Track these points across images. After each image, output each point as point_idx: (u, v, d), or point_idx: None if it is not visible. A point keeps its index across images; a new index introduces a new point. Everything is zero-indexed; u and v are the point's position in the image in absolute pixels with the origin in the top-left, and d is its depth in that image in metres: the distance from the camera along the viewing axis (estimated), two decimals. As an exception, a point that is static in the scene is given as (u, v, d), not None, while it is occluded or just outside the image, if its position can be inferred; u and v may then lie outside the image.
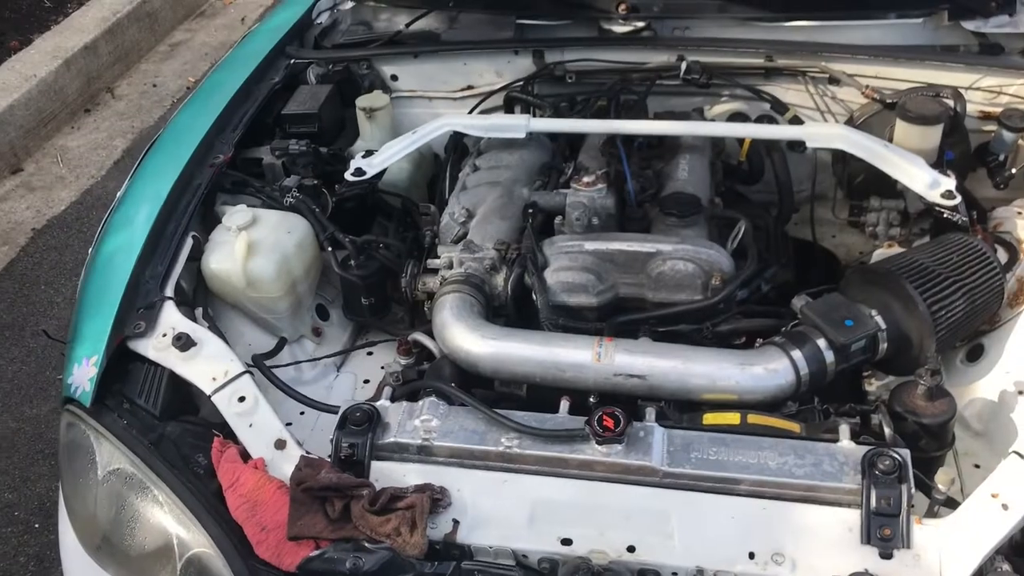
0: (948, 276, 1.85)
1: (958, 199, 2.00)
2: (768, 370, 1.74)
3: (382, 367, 2.17)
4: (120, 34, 5.72)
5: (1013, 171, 2.37)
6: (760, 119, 2.52)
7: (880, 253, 2.22)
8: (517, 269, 1.93)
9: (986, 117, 2.41)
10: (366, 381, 2.17)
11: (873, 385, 1.99)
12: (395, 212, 2.39)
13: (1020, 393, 1.87)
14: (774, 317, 1.96)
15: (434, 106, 2.69)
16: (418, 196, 2.46)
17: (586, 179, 2.02)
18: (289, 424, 1.79)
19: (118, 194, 2.22)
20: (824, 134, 2.12)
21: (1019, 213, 2.20)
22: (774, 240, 2.30)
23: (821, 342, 1.77)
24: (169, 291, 1.91)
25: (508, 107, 2.53)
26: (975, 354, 2.03)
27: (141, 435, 1.70)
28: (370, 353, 2.24)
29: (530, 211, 2.03)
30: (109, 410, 1.75)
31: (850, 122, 2.43)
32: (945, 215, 2.05)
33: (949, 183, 2.02)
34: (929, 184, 2.02)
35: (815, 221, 2.54)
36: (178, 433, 1.73)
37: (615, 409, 1.62)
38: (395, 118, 2.60)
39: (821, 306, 1.84)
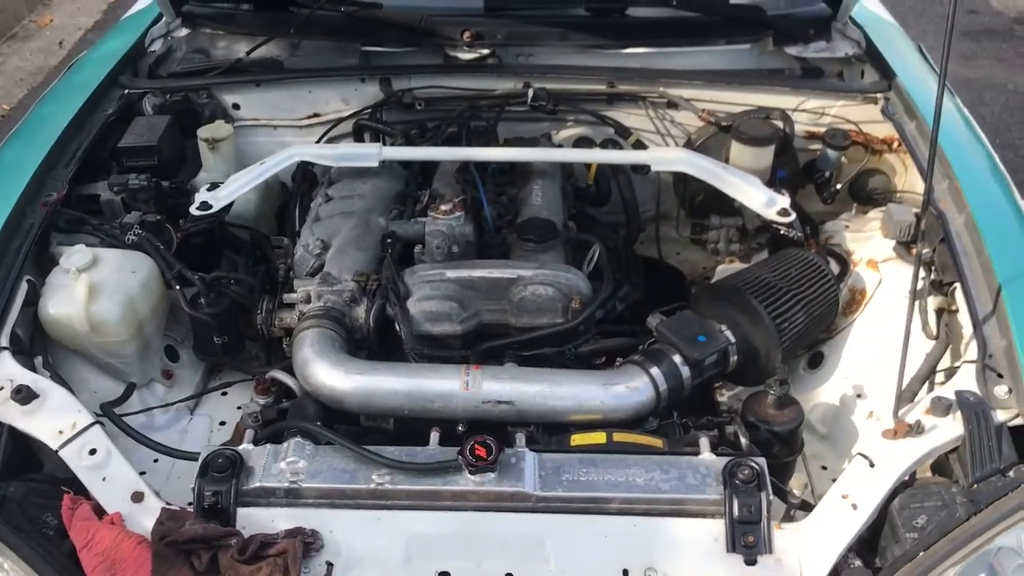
0: (789, 290, 1.96)
1: (793, 216, 2.13)
2: (630, 388, 1.79)
3: (239, 407, 2.10)
4: (-78, 59, 5.31)
5: (838, 186, 2.54)
6: (605, 143, 2.60)
7: (722, 269, 2.33)
8: (378, 300, 1.92)
9: (811, 137, 2.58)
10: (222, 423, 2.09)
11: (724, 396, 2.08)
12: (244, 245, 2.32)
13: (859, 396, 2.02)
14: (630, 336, 2.02)
15: (279, 135, 2.63)
16: (267, 228, 2.40)
17: (444, 207, 2.03)
18: (143, 473, 1.69)
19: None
20: (667, 158, 2.21)
21: (847, 226, 2.36)
22: (624, 260, 2.37)
23: (677, 358, 1.84)
24: (4, 341, 1.78)
25: (357, 135, 2.50)
26: (816, 361, 2.16)
27: (-19, 497, 1.57)
28: (224, 393, 2.16)
29: (388, 240, 2.01)
30: (-52, 472, 1.61)
31: (689, 144, 2.54)
32: (782, 231, 2.17)
33: (784, 201, 2.15)
34: (765, 203, 2.14)
35: (661, 239, 2.64)
36: (22, 493, 1.61)
37: (486, 437, 1.62)
38: (238, 148, 2.53)
39: (675, 324, 1.91)
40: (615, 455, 1.68)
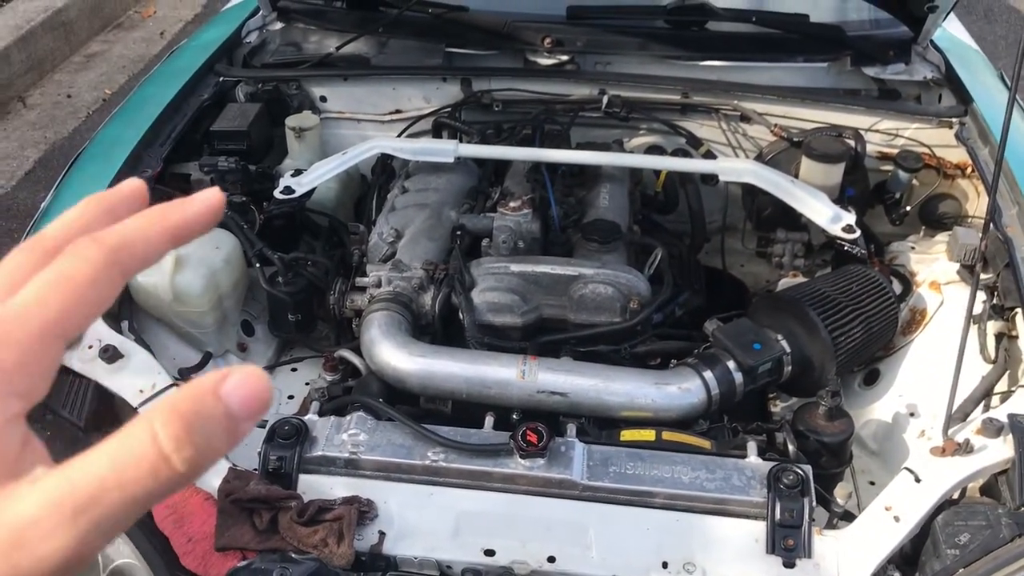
0: (848, 304, 1.98)
1: (857, 233, 2.14)
2: (682, 389, 1.84)
3: (307, 383, 2.20)
4: (33, 43, 5.59)
5: (907, 208, 2.54)
6: (675, 152, 2.64)
7: (785, 282, 2.35)
8: (445, 289, 2.00)
9: (884, 158, 2.58)
10: (290, 397, 2.19)
11: (777, 407, 2.11)
12: (322, 231, 2.43)
13: (911, 415, 2.02)
14: (687, 340, 2.06)
15: (362, 128, 2.74)
16: (345, 216, 2.51)
17: (512, 204, 2.10)
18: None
19: (42, 205, 2.21)
20: (735, 168, 2.25)
21: (912, 248, 2.37)
22: (687, 267, 2.41)
23: (731, 364, 1.88)
24: (96, 303, 1.91)
25: (436, 132, 2.60)
26: (871, 379, 2.17)
27: (65, 446, 1.69)
28: (294, 369, 2.27)
29: (458, 233, 2.10)
30: (32, 421, 1.72)
31: (759, 158, 2.57)
32: (845, 247, 2.19)
33: (850, 218, 2.17)
34: (831, 218, 2.16)
35: (725, 251, 2.68)
36: (104, 444, 1.73)
37: (538, 424, 1.69)
38: (323, 138, 2.64)
39: (731, 330, 1.95)
40: (663, 452, 1.72)
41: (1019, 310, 1.90)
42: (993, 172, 1.79)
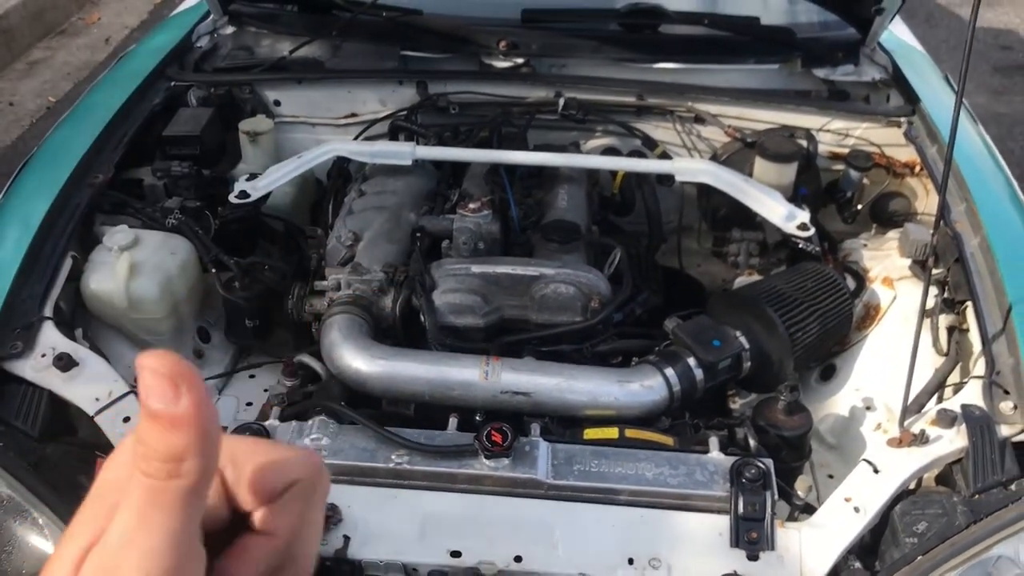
0: (804, 301, 2.01)
1: (812, 231, 2.18)
2: (644, 387, 1.85)
3: (265, 389, 2.17)
4: (-27, 50, 5.48)
5: (859, 207, 2.59)
6: (631, 154, 2.67)
7: (741, 280, 2.38)
8: (405, 291, 1.99)
9: (835, 157, 2.63)
10: (248, 404, 2.16)
11: (736, 403, 2.13)
12: (278, 236, 2.41)
13: (868, 409, 2.06)
14: (647, 338, 2.08)
15: (317, 132, 2.72)
16: (301, 220, 2.49)
17: (472, 205, 2.10)
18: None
19: (-12, 212, 2.15)
20: (692, 169, 2.27)
21: (865, 245, 2.41)
22: (645, 268, 2.43)
23: (691, 360, 1.90)
24: (48, 311, 1.87)
25: (393, 135, 2.59)
26: (828, 374, 2.20)
27: (19, 457, 1.65)
28: (252, 376, 2.24)
29: (418, 235, 2.09)
30: (-19, 436, 1.69)
31: (714, 159, 2.60)
32: (800, 245, 2.23)
33: (804, 216, 2.20)
34: (786, 216, 2.19)
35: (682, 250, 2.70)
36: (60, 455, 1.70)
37: (503, 424, 1.68)
38: (277, 143, 2.62)
39: (691, 327, 1.97)
40: (626, 450, 1.73)
41: (969, 304, 1.94)
42: (943, 170, 1.83)
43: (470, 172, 2.41)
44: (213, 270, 2.12)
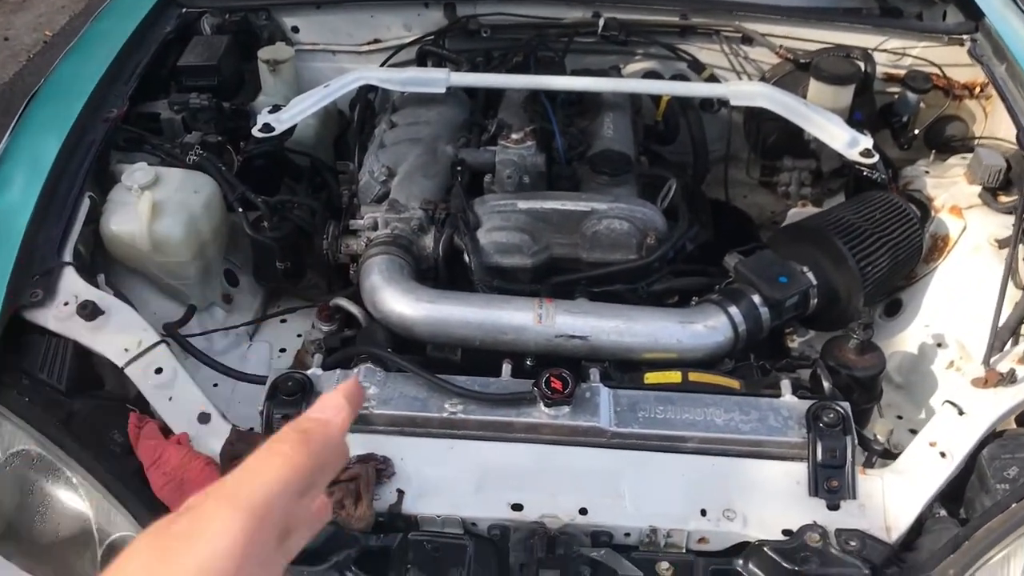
0: (873, 232, 1.89)
1: (876, 157, 2.04)
2: (708, 327, 1.73)
3: (299, 335, 2.06)
4: (-36, -16, 5.25)
5: (916, 132, 2.45)
6: (675, 78, 2.51)
7: (794, 212, 2.25)
8: (447, 229, 1.86)
9: (890, 79, 2.47)
10: (282, 350, 2.05)
11: (795, 342, 2.00)
12: (304, 172, 2.27)
13: (939, 346, 1.94)
14: (703, 275, 1.95)
15: (338, 60, 2.56)
16: (324, 155, 2.34)
17: (515, 136, 1.96)
18: (206, 395, 1.66)
19: (-5, 151, 2.01)
20: (747, 92, 2.12)
21: (926, 172, 2.27)
22: (693, 199, 2.30)
23: (756, 298, 1.77)
24: (68, 256, 1.74)
25: (421, 62, 2.43)
26: (893, 309, 2.09)
27: (47, 413, 1.54)
28: (284, 320, 2.12)
29: (458, 168, 1.95)
30: (7, 387, 1.57)
31: (764, 81, 2.45)
32: (865, 173, 2.09)
33: (867, 141, 2.06)
34: (848, 142, 2.05)
35: (728, 181, 2.56)
36: (89, 409, 1.58)
37: (563, 371, 1.57)
38: (298, 72, 2.46)
39: (754, 263, 1.84)
40: (692, 395, 1.62)
41: (1051, 234, 1.82)
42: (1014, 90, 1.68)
43: (506, 100, 2.25)
44: (240, 209, 1.98)
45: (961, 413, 1.58)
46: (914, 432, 1.66)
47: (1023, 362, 1.63)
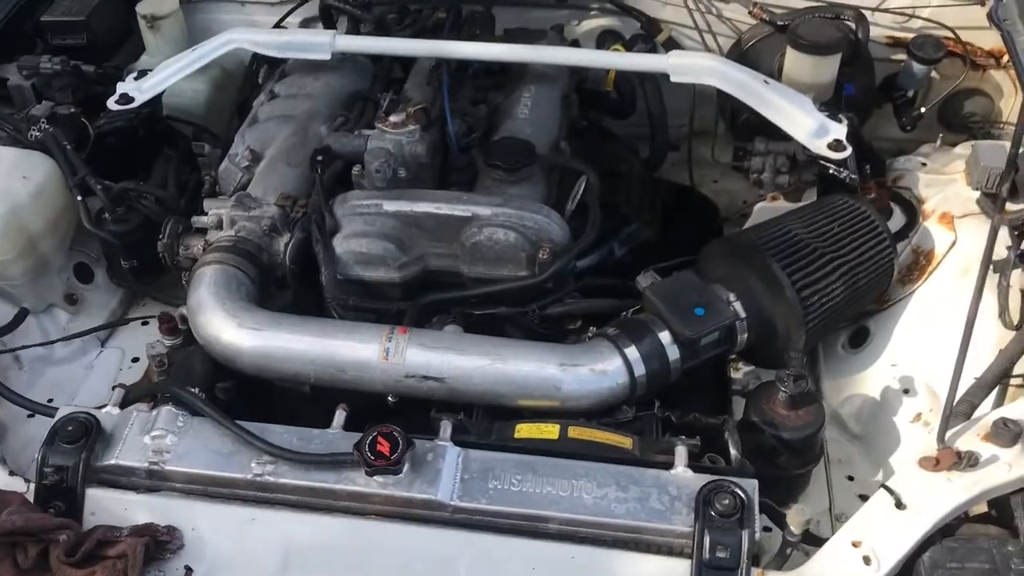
0: (826, 252, 1.52)
1: (847, 151, 1.65)
2: (595, 372, 1.41)
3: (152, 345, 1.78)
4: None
5: (922, 110, 2.04)
6: (635, 39, 2.12)
7: (761, 208, 1.90)
8: (298, 233, 1.54)
9: (895, 44, 2.08)
10: (135, 360, 1.79)
11: (739, 372, 1.66)
12: (179, 148, 1.95)
13: (905, 392, 1.59)
14: (620, 295, 1.60)
15: (248, 12, 2.23)
16: (220, 126, 2.02)
17: (394, 117, 1.61)
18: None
19: None
20: (691, 66, 1.72)
21: (924, 165, 1.87)
22: (638, 189, 1.93)
23: (664, 336, 1.44)
24: None
25: (326, 19, 2.07)
26: (859, 339, 1.72)
27: None
28: (145, 323, 1.85)
29: (319, 158, 1.60)
30: None
31: (737, 46, 2.06)
32: (831, 171, 1.70)
33: (839, 130, 1.67)
34: (814, 131, 1.67)
35: (694, 163, 2.18)
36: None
37: (393, 428, 1.27)
38: (201, 28, 2.14)
39: (669, 289, 1.50)
40: (564, 460, 1.30)
41: (1055, 260, 1.43)
42: None
43: (416, 69, 1.89)
44: (79, 197, 1.69)
45: (899, 505, 1.25)
46: (864, 498, 1.33)
47: (990, 440, 1.27)
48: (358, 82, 1.88)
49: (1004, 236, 1.52)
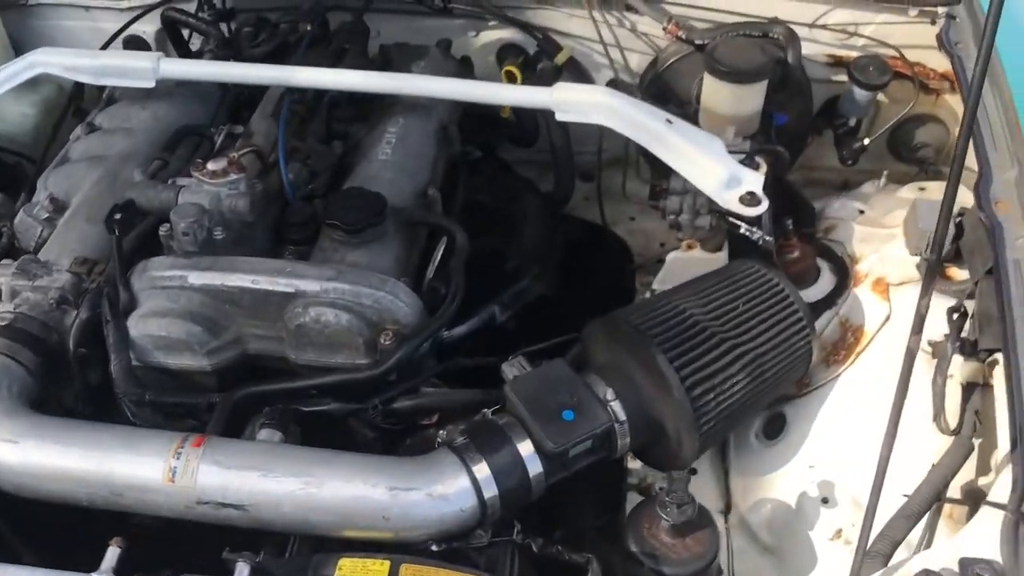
0: (726, 338, 1.25)
1: (762, 206, 1.37)
2: (433, 497, 1.13)
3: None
4: None
5: (866, 142, 1.76)
6: (539, 55, 1.83)
7: (674, 258, 1.63)
8: (85, 310, 1.26)
9: (837, 63, 1.79)
10: None
11: (638, 464, 1.40)
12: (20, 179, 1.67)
13: (824, 502, 1.32)
14: (485, 381, 1.33)
15: (94, 18, 1.91)
16: (53, 156, 1.72)
17: (212, 165, 1.33)
18: None
19: None
20: (577, 102, 1.43)
21: (862, 212, 1.60)
22: (535, 233, 1.66)
23: (524, 446, 1.16)
24: None
25: (170, 31, 1.77)
26: (774, 429, 1.46)
27: None
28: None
29: (117, 216, 1.31)
30: None
31: (654, 66, 1.78)
32: (742, 230, 1.43)
33: (754, 181, 1.40)
34: (724, 181, 1.40)
35: (611, 197, 1.91)
36: None
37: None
38: (35, 34, 1.85)
39: (535, 384, 1.22)
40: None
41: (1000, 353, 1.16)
42: (964, 114, 0.99)
43: (268, 96, 1.60)
44: None
45: None
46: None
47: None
48: (195, 113, 1.58)
49: (942, 316, 1.27)
